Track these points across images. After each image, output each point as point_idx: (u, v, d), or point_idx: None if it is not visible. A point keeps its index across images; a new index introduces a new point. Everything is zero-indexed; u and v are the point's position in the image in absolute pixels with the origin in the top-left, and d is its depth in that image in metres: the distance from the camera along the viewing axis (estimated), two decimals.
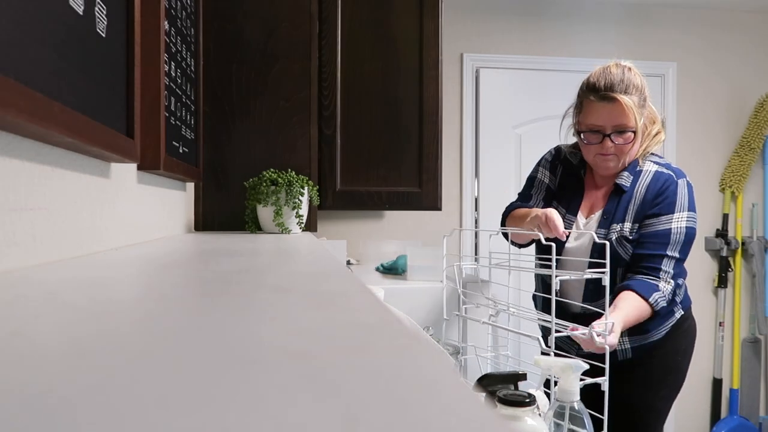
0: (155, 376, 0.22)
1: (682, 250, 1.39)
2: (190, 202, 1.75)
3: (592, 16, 3.10)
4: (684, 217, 1.39)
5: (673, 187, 1.41)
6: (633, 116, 1.38)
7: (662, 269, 1.37)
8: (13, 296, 0.42)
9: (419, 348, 0.27)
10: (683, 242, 1.38)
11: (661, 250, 1.37)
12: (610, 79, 1.40)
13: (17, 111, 0.49)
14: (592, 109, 1.42)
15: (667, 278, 1.37)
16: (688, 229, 1.39)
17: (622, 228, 1.42)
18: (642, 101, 1.41)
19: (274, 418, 0.17)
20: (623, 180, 1.45)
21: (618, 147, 1.42)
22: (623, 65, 1.43)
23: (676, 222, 1.38)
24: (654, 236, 1.39)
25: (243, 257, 0.79)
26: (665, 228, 1.38)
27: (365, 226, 2.84)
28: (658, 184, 1.42)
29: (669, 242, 1.37)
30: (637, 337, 1.45)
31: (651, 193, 1.41)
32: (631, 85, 1.39)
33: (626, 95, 1.38)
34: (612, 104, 1.39)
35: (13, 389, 0.20)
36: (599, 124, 1.42)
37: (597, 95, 1.40)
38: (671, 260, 1.38)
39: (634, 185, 1.44)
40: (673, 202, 1.40)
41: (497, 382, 0.87)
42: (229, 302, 0.41)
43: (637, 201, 1.42)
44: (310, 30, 1.85)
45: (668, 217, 1.39)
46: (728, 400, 3.20)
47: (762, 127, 3.15)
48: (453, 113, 2.97)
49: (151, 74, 1.07)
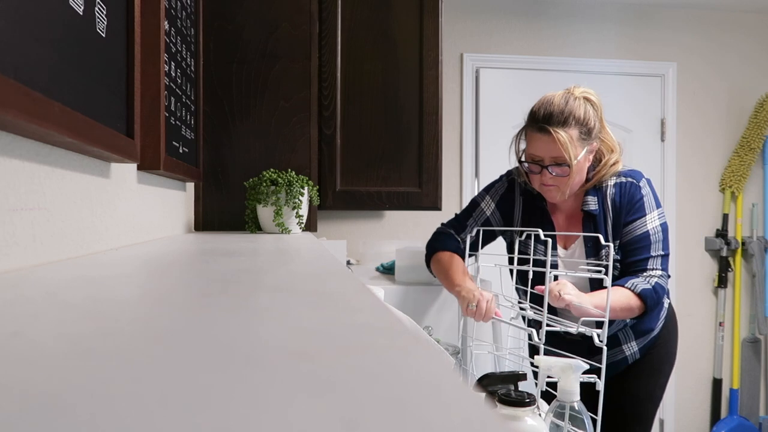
0: (155, 375, 0.22)
1: (663, 246, 1.42)
2: (190, 202, 1.75)
3: (592, 16, 3.10)
4: (656, 216, 1.42)
5: (637, 191, 1.43)
6: (568, 150, 1.36)
7: (647, 269, 1.40)
8: (13, 296, 0.42)
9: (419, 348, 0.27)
10: (663, 239, 1.42)
11: (645, 254, 1.41)
12: (549, 110, 1.38)
13: (17, 111, 0.49)
14: (532, 139, 1.41)
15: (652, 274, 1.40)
16: (663, 225, 1.43)
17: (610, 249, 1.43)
18: (585, 133, 1.38)
19: (273, 419, 0.17)
20: (590, 205, 1.44)
21: (556, 179, 1.40)
22: (573, 93, 1.41)
23: (651, 222, 1.41)
24: (635, 242, 1.41)
25: (243, 257, 0.79)
26: (642, 232, 1.41)
27: (365, 226, 2.84)
28: (623, 193, 1.43)
29: (650, 243, 1.41)
30: (643, 337, 1.50)
31: (620, 204, 1.43)
32: (572, 116, 1.37)
33: (564, 128, 1.36)
34: (548, 136, 1.37)
35: (13, 389, 0.20)
36: (538, 154, 1.40)
37: (535, 126, 1.39)
38: (656, 259, 1.41)
39: (601, 204, 1.44)
40: (642, 205, 1.42)
41: (497, 382, 0.87)
42: (228, 302, 0.41)
43: (611, 218, 1.43)
44: (310, 30, 1.85)
45: (642, 221, 1.41)
46: (728, 400, 3.20)
47: (762, 127, 3.15)
48: (453, 113, 2.97)
49: (151, 74, 1.07)
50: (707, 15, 3.19)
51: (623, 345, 1.50)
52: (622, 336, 1.49)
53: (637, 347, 1.50)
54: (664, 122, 3.15)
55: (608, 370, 1.36)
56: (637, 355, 1.51)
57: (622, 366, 1.51)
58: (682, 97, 3.16)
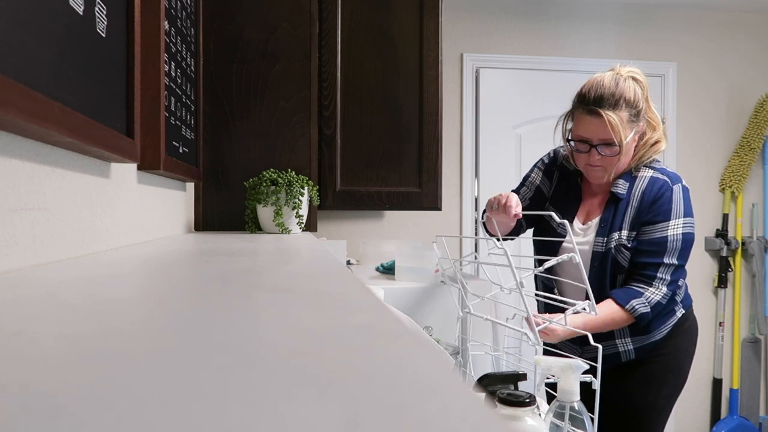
0: (155, 376, 0.22)
1: (680, 257, 1.38)
2: (190, 202, 1.75)
3: (592, 16, 3.10)
4: (680, 224, 1.38)
5: (668, 193, 1.40)
6: (619, 133, 1.36)
7: (657, 276, 1.37)
8: (13, 296, 0.42)
9: (419, 348, 0.27)
10: (680, 249, 1.37)
11: (657, 259, 1.37)
12: (600, 92, 1.38)
13: (17, 111, 0.49)
14: (581, 120, 1.42)
15: (659, 285, 1.37)
16: (685, 235, 1.38)
17: (620, 236, 1.41)
18: (634, 115, 1.39)
19: (273, 419, 0.17)
20: (618, 188, 1.44)
21: (604, 159, 1.41)
22: (620, 74, 1.41)
23: (673, 229, 1.38)
24: (650, 244, 1.38)
25: (243, 257, 0.79)
26: (661, 236, 1.38)
27: (365, 226, 2.84)
28: (654, 190, 1.41)
29: (666, 250, 1.37)
30: (639, 337, 1.46)
31: (647, 200, 1.40)
32: (622, 98, 1.37)
33: (614, 110, 1.36)
34: (598, 119, 1.37)
35: (13, 389, 0.20)
36: (586, 136, 1.41)
37: (585, 108, 1.40)
38: (668, 267, 1.37)
39: (630, 192, 1.43)
40: (668, 209, 1.39)
41: (497, 382, 0.87)
42: (228, 302, 0.41)
43: (633, 208, 1.42)
44: (310, 30, 1.85)
45: (664, 225, 1.38)
46: (728, 400, 3.20)
47: (762, 127, 3.15)
48: (453, 113, 2.97)
49: (151, 74, 1.07)
50: (707, 15, 3.19)
51: (617, 339, 1.46)
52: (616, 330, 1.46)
53: (632, 345, 1.46)
54: (664, 122, 3.14)
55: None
56: (632, 354, 1.46)
57: (614, 362, 1.47)
58: (682, 97, 3.16)
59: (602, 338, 1.46)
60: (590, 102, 1.39)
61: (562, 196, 1.55)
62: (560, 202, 1.55)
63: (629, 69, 1.44)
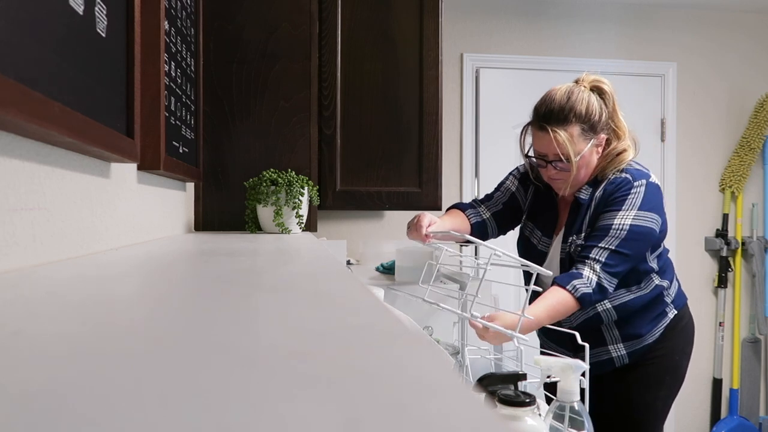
0: (155, 376, 0.22)
1: (621, 246, 1.32)
2: (190, 202, 1.75)
3: (592, 16, 3.10)
4: (630, 215, 1.34)
5: (627, 188, 1.37)
6: (566, 149, 1.35)
7: (590, 257, 1.32)
8: (13, 296, 0.42)
9: (419, 348, 0.27)
10: (624, 238, 1.32)
11: (594, 242, 1.34)
12: (549, 107, 1.37)
13: (17, 111, 0.49)
14: (534, 136, 1.42)
15: (593, 265, 1.31)
16: (635, 227, 1.33)
17: (577, 238, 1.40)
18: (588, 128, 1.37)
19: (273, 419, 0.17)
20: (581, 193, 1.43)
21: (560, 173, 1.40)
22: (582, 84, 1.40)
23: (620, 219, 1.34)
24: (594, 230, 1.37)
25: (243, 257, 0.79)
26: (605, 223, 1.35)
27: (365, 226, 2.84)
28: (611, 188, 1.39)
29: (606, 235, 1.33)
30: (631, 342, 1.44)
31: (605, 198, 1.39)
32: (572, 113, 1.35)
33: (563, 126, 1.35)
34: (547, 135, 1.36)
35: (13, 389, 0.20)
36: (541, 151, 1.41)
37: (537, 124, 1.40)
38: (603, 251, 1.32)
39: (591, 196, 1.42)
40: (622, 201, 1.36)
41: (497, 382, 0.87)
42: (228, 302, 0.41)
43: (591, 208, 1.41)
44: (310, 30, 1.85)
45: (612, 214, 1.35)
46: (728, 400, 3.20)
47: (762, 127, 3.15)
48: (453, 113, 2.97)
49: (151, 74, 1.07)
50: (707, 15, 3.19)
51: (609, 345, 1.45)
52: (607, 335, 1.44)
53: (625, 350, 1.44)
54: (664, 122, 3.15)
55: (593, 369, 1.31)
56: (625, 359, 1.45)
57: (608, 367, 1.46)
58: (682, 97, 3.16)
59: (594, 345, 1.45)
60: (540, 118, 1.38)
61: (539, 210, 1.54)
62: (539, 216, 1.54)
63: (594, 78, 1.42)
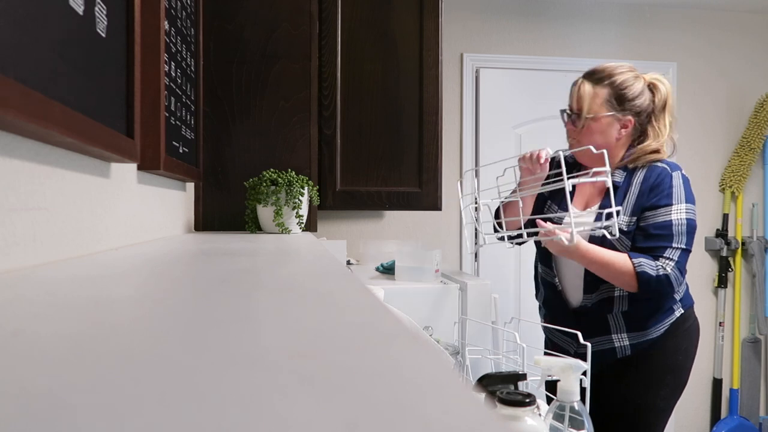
0: (155, 376, 0.22)
1: (687, 241, 1.37)
2: (190, 202, 1.75)
3: (592, 16, 3.10)
4: (683, 209, 1.38)
5: (668, 179, 1.41)
6: (582, 102, 1.42)
7: (665, 256, 1.36)
8: (13, 296, 0.42)
9: (419, 348, 0.27)
10: (686, 233, 1.37)
11: (666, 242, 1.37)
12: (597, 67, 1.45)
13: (17, 111, 0.49)
14: None
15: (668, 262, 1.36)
16: (689, 221, 1.38)
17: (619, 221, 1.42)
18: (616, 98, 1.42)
19: (273, 419, 0.17)
20: (616, 177, 1.46)
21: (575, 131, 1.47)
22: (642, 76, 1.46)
23: (677, 213, 1.38)
24: (656, 228, 1.38)
25: (243, 257, 0.79)
26: (666, 219, 1.38)
27: (365, 226, 2.84)
28: (653, 176, 1.42)
29: (673, 234, 1.37)
30: (636, 333, 1.45)
31: (646, 185, 1.41)
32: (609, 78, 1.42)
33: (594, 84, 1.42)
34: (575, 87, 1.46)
35: (13, 389, 0.20)
36: (568, 103, 1.49)
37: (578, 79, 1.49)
38: (676, 251, 1.37)
39: (628, 181, 1.45)
40: (670, 193, 1.40)
41: (497, 382, 0.87)
42: (228, 302, 0.41)
43: (632, 193, 1.42)
44: (310, 30, 1.85)
45: (667, 209, 1.38)
46: (728, 400, 3.20)
47: (762, 127, 3.15)
48: (453, 113, 2.97)
49: (151, 74, 1.07)
50: (707, 15, 3.19)
51: (613, 334, 1.46)
52: (613, 323, 1.45)
53: (629, 341, 1.45)
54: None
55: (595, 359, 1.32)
56: (628, 350, 1.45)
57: (610, 358, 1.46)
58: (682, 97, 3.16)
59: (598, 333, 1.46)
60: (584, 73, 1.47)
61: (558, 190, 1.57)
62: (556, 195, 1.57)
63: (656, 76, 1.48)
